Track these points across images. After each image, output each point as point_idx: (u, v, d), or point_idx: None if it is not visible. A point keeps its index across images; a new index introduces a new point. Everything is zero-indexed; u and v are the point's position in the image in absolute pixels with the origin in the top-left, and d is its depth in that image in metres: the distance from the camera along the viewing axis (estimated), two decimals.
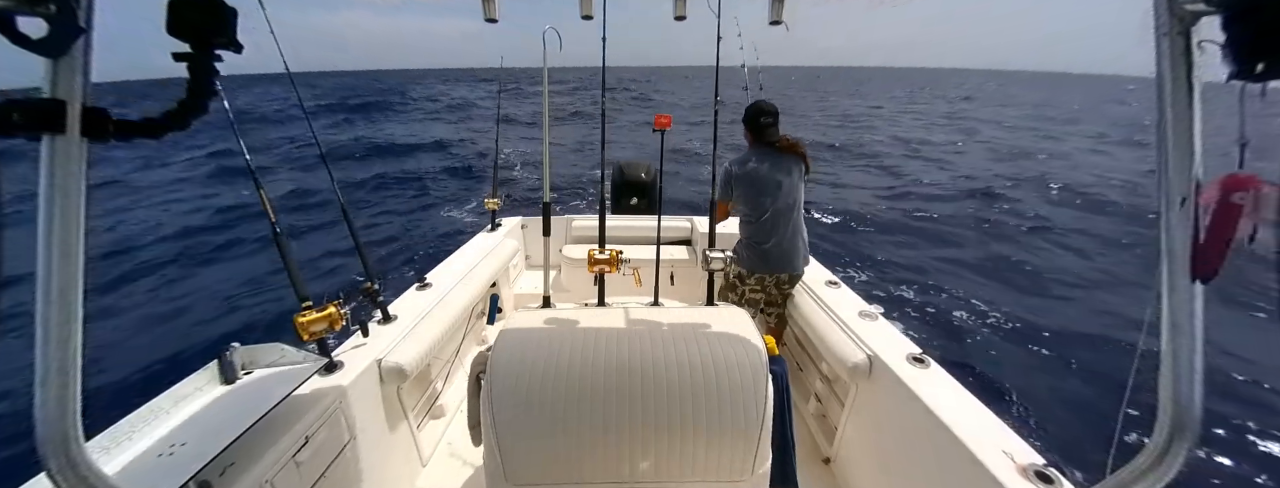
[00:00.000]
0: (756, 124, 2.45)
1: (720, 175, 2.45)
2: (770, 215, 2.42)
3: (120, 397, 3.74)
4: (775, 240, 2.43)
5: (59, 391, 0.61)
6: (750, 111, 2.48)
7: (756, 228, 2.45)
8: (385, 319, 2.07)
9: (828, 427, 2.30)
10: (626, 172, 4.01)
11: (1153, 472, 0.68)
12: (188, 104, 0.66)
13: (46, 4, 0.54)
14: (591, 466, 1.23)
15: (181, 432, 1.29)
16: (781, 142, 2.44)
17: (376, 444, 1.86)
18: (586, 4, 1.40)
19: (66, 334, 0.61)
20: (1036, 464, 1.35)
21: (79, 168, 0.60)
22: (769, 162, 2.43)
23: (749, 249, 2.49)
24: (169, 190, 10.92)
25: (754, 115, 2.46)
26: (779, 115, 2.49)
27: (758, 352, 1.25)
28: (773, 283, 2.52)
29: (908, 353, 1.87)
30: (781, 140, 2.45)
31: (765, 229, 2.44)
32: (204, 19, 0.64)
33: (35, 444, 0.61)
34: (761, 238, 2.45)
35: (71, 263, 0.60)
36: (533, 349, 1.26)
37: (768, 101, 2.50)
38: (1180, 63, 0.60)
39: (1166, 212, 0.63)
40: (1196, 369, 0.64)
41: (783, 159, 2.45)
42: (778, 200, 2.42)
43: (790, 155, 2.46)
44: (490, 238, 3.30)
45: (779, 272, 2.48)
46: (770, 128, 2.45)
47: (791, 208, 2.44)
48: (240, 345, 1.56)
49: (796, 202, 2.46)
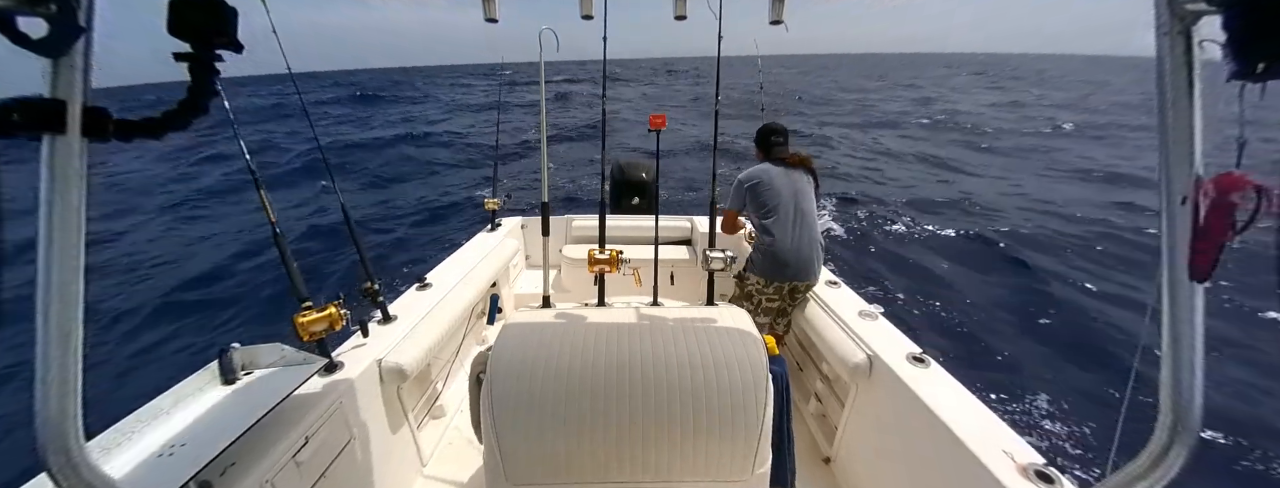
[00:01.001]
0: (767, 143, 2.59)
1: (733, 186, 2.56)
2: (789, 224, 2.45)
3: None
4: (795, 248, 2.44)
5: (59, 390, 0.61)
6: (762, 132, 2.62)
7: (776, 237, 2.45)
8: (385, 319, 2.07)
9: (828, 427, 2.30)
10: (627, 171, 4.01)
11: (1153, 472, 0.68)
12: (188, 104, 0.66)
13: (46, 4, 0.54)
14: (591, 465, 1.23)
15: (182, 432, 1.29)
16: (791, 158, 2.54)
17: (376, 444, 1.86)
18: (586, 4, 1.40)
19: (67, 334, 0.61)
20: (1036, 464, 1.35)
21: (79, 168, 0.60)
22: (781, 173, 2.52)
23: (767, 258, 2.48)
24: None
25: (765, 135, 2.60)
26: (789, 135, 2.61)
27: (758, 351, 1.25)
28: (789, 291, 2.52)
29: (908, 353, 1.87)
30: (791, 157, 2.54)
31: (784, 238, 2.44)
32: (205, 19, 0.64)
33: (35, 444, 0.61)
34: (781, 246, 2.44)
35: (72, 263, 0.60)
36: (533, 349, 1.26)
37: (778, 123, 2.61)
38: (1181, 62, 0.60)
39: (1167, 211, 0.63)
40: (1197, 369, 0.64)
41: (793, 172, 2.53)
42: (794, 209, 2.46)
43: (800, 169, 2.55)
44: (490, 238, 3.30)
45: (797, 280, 2.47)
46: (780, 146, 2.58)
47: (807, 215, 2.49)
48: (240, 345, 1.56)
49: (811, 211, 2.51)
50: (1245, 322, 4.84)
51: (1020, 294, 5.70)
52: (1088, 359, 4.43)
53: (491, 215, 3.52)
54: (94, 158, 0.62)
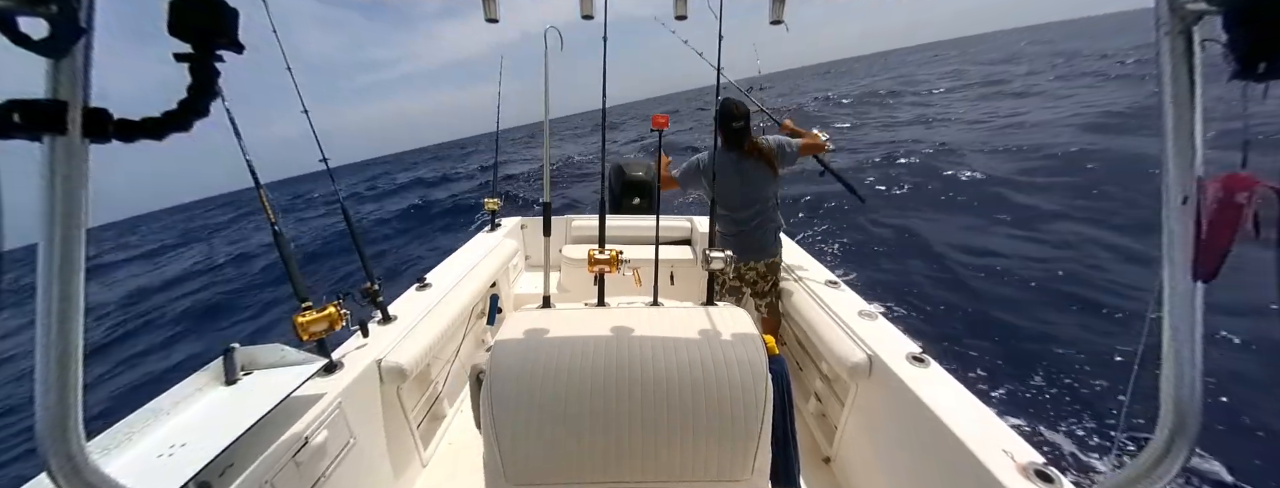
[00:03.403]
0: (728, 129, 2.51)
1: (689, 161, 2.66)
2: (738, 210, 2.60)
3: None
4: (742, 231, 2.62)
5: (59, 390, 0.60)
6: (721, 113, 2.47)
7: (726, 221, 2.64)
8: (385, 319, 2.07)
9: (828, 426, 2.30)
10: (627, 171, 4.01)
11: (1153, 472, 0.68)
12: (189, 105, 0.66)
13: (47, 4, 0.54)
14: (591, 465, 1.23)
15: (182, 432, 1.29)
16: (748, 146, 2.54)
17: (376, 444, 1.86)
18: (586, 4, 1.40)
19: (67, 334, 0.61)
20: (1036, 464, 1.36)
21: (80, 169, 0.60)
22: (734, 164, 2.54)
23: (722, 240, 2.68)
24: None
25: (725, 118, 2.48)
26: (750, 118, 2.57)
27: (758, 351, 1.25)
28: (750, 272, 2.69)
29: (908, 352, 1.87)
30: (749, 145, 2.54)
31: (734, 222, 2.62)
32: (205, 20, 0.64)
33: (35, 444, 0.61)
34: (731, 230, 2.64)
35: (72, 264, 0.60)
36: (533, 349, 1.26)
37: (739, 103, 2.54)
38: (1182, 62, 0.60)
39: (1168, 210, 0.63)
40: (1197, 369, 0.64)
41: (746, 162, 2.54)
42: (744, 197, 2.57)
43: (754, 159, 2.55)
44: (490, 238, 3.30)
45: (750, 260, 2.65)
46: (741, 132, 2.53)
47: (756, 202, 2.59)
48: (240, 346, 1.56)
49: (764, 198, 2.60)
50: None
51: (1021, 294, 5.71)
52: (1088, 358, 4.43)
53: (491, 215, 3.52)
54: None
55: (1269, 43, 0.50)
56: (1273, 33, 0.50)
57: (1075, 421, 3.66)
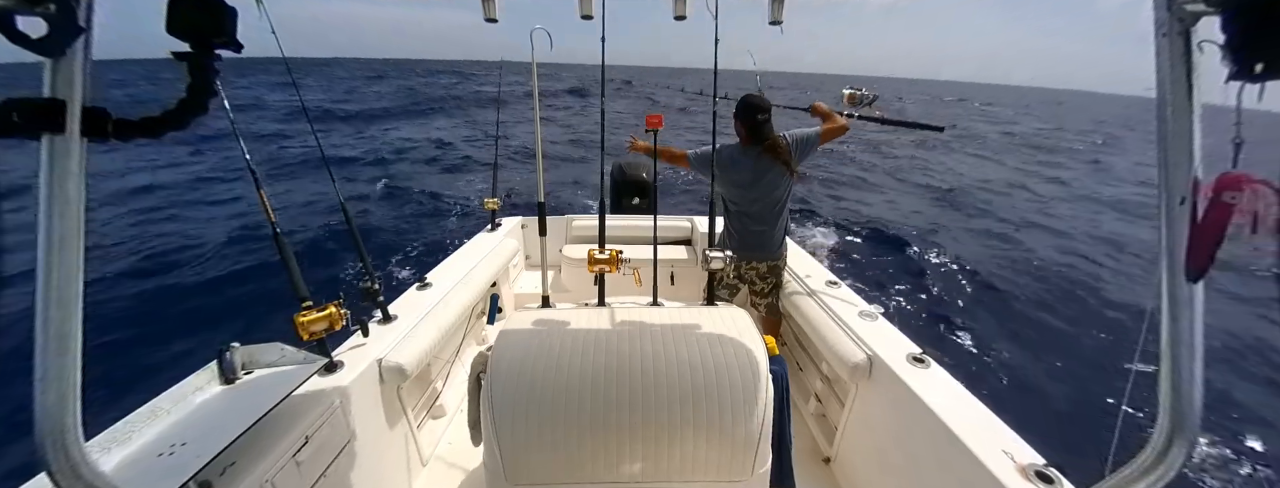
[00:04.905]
0: (753, 121, 2.47)
1: (706, 150, 2.52)
2: (748, 207, 2.57)
3: None
4: (748, 229, 2.58)
5: (59, 390, 0.61)
6: (745, 107, 2.47)
7: (733, 217, 2.62)
8: (385, 319, 2.07)
9: (828, 427, 2.30)
10: (627, 171, 4.01)
11: (1153, 472, 0.68)
12: (188, 103, 0.66)
13: (46, 4, 0.54)
14: (591, 465, 1.23)
15: (181, 432, 1.29)
16: (768, 142, 2.48)
17: (377, 444, 1.86)
18: (586, 4, 1.40)
19: (66, 334, 0.61)
20: (1037, 464, 1.35)
21: (79, 168, 0.60)
22: (752, 162, 2.51)
23: (727, 236, 2.67)
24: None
25: (750, 111, 2.46)
26: (772, 112, 2.52)
27: (757, 352, 1.25)
28: (750, 271, 2.65)
29: (908, 353, 1.87)
30: (768, 142, 2.48)
31: (741, 219, 2.60)
32: (204, 18, 0.64)
33: (35, 444, 0.61)
34: (737, 227, 2.62)
35: (71, 262, 0.60)
36: (533, 349, 1.26)
37: (762, 97, 2.52)
38: (1180, 63, 0.60)
39: (1166, 211, 0.63)
40: (1196, 369, 0.64)
41: (763, 160, 2.50)
42: (755, 196, 2.54)
43: (770, 157, 2.50)
44: (490, 238, 3.30)
45: (751, 259, 2.61)
46: (765, 125, 2.49)
47: (766, 201, 2.55)
48: (240, 345, 1.56)
49: (776, 198, 2.56)
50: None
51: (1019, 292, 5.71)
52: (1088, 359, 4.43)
53: (491, 215, 3.52)
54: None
55: (1266, 43, 0.50)
56: (1270, 33, 0.50)
57: (1075, 421, 3.65)
